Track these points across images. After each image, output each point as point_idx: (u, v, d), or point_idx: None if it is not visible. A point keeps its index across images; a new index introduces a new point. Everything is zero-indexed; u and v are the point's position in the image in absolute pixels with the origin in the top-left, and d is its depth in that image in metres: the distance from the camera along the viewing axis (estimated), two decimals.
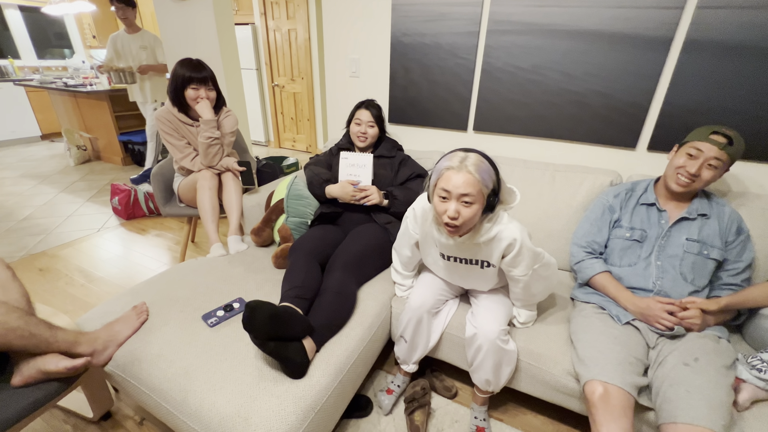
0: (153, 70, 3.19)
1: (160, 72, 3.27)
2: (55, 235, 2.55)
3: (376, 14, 1.88)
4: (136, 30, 3.14)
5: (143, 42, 3.14)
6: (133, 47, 3.13)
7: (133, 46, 3.13)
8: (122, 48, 3.13)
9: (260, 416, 0.87)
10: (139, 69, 3.11)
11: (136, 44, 3.13)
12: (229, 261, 1.49)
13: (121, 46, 3.12)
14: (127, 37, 3.12)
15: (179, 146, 1.72)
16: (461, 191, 0.93)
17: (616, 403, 0.92)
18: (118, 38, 3.12)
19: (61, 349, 0.96)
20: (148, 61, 3.17)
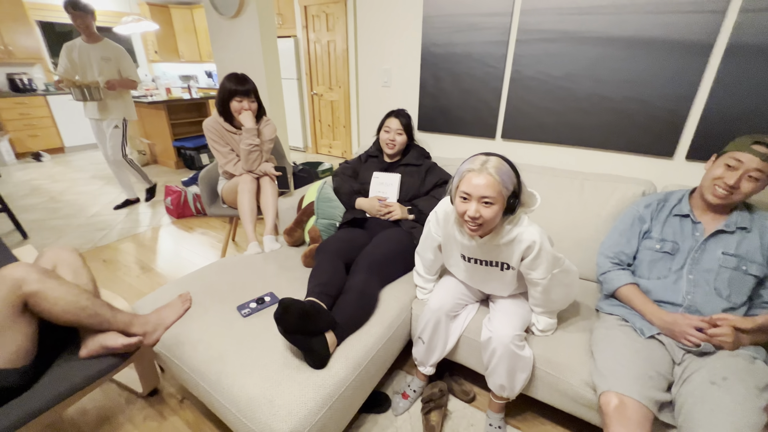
0: (122, 86, 2.85)
1: (127, 88, 2.94)
2: (116, 230, 2.85)
3: (408, 26, 1.95)
4: (97, 39, 2.75)
5: (105, 53, 2.77)
6: (93, 58, 2.75)
7: (93, 56, 2.75)
8: (79, 58, 2.73)
9: (283, 399, 0.95)
10: (107, 84, 2.75)
11: (96, 54, 2.75)
12: (264, 258, 1.61)
13: (78, 56, 2.73)
14: (85, 46, 2.73)
15: (224, 152, 1.89)
16: (482, 193, 0.97)
17: (632, 416, 0.90)
18: (74, 47, 2.73)
19: (119, 328, 1.11)
20: (112, 75, 2.81)
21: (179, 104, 4.32)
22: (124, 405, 1.37)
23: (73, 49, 2.73)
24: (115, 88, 2.81)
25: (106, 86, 2.76)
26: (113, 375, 1.17)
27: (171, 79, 6.28)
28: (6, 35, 4.56)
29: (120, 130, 3.00)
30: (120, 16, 5.58)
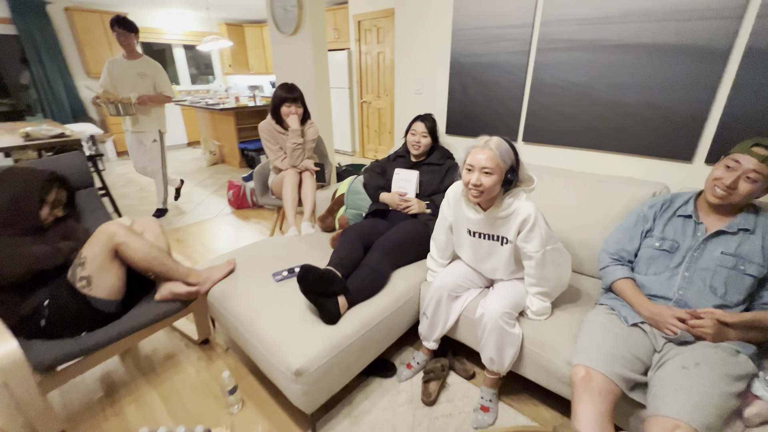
0: (153, 101, 2.95)
1: (159, 103, 3.04)
2: (188, 216, 3.36)
3: (439, 39, 2.14)
4: (136, 56, 2.89)
5: (142, 69, 2.90)
6: (131, 74, 2.86)
7: (131, 72, 2.86)
8: (119, 74, 2.85)
9: (298, 344, 1.18)
10: (139, 100, 2.85)
11: (134, 71, 2.87)
12: (299, 240, 1.88)
13: (117, 73, 2.85)
14: (125, 62, 2.85)
15: (273, 150, 2.21)
16: (483, 164, 1.15)
17: (596, 387, 0.99)
18: (115, 64, 2.85)
19: (180, 277, 1.42)
20: (147, 90, 2.93)
21: (245, 111, 4.90)
22: (183, 348, 1.71)
23: (114, 65, 2.85)
24: (146, 103, 2.90)
25: (137, 102, 2.85)
26: (178, 317, 1.50)
27: (241, 89, 7.05)
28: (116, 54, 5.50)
29: (158, 144, 3.15)
30: (202, 35, 6.43)
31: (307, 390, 1.15)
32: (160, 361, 1.63)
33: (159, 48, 6.32)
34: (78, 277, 1.26)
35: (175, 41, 6.34)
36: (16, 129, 3.37)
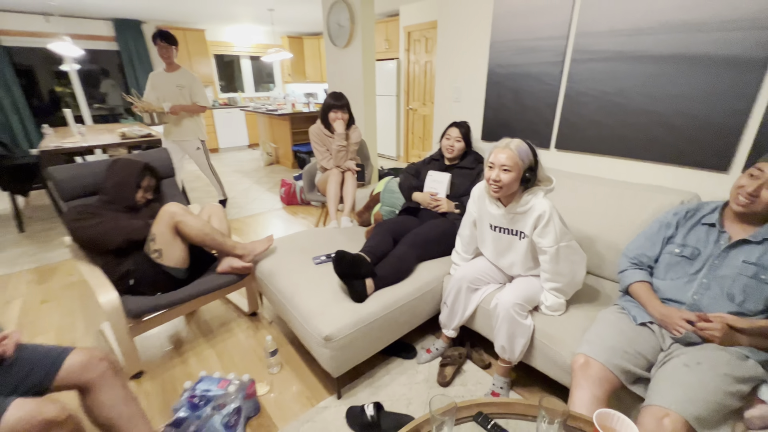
0: (185, 110, 3.10)
1: (193, 112, 3.19)
2: (245, 209, 3.76)
3: (478, 50, 2.26)
4: (175, 68, 3.08)
5: (180, 81, 3.07)
6: (170, 85, 3.06)
7: (170, 83, 3.06)
8: (161, 86, 3.06)
9: (330, 315, 1.38)
10: (171, 110, 3.02)
11: (173, 82, 3.06)
12: (339, 231, 2.10)
13: (160, 85, 3.06)
14: (164, 75, 3.06)
15: (321, 151, 2.47)
16: (502, 162, 1.28)
17: (593, 374, 1.07)
18: (157, 77, 3.07)
19: (228, 249, 1.69)
20: (184, 101, 3.09)
21: (299, 116, 5.31)
22: (235, 318, 1.99)
23: (157, 78, 3.06)
24: (178, 112, 3.07)
25: (170, 111, 3.02)
26: (233, 289, 1.78)
27: (297, 96, 7.59)
28: (194, 65, 6.25)
29: (201, 151, 3.40)
30: (267, 47, 7.05)
31: (334, 354, 1.34)
32: (216, 326, 1.92)
33: (228, 59, 7.04)
34: (152, 250, 1.56)
35: (243, 53, 7.02)
36: (113, 130, 4.02)
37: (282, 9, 5.13)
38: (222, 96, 7.03)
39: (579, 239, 1.65)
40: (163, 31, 2.94)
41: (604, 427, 0.76)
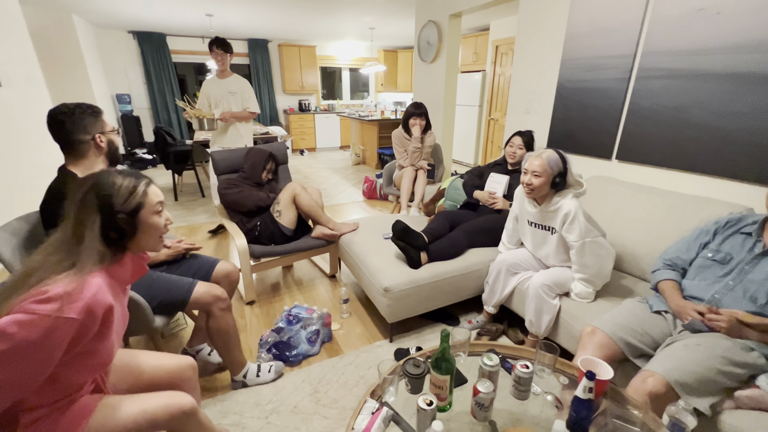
0: (235, 117, 3.05)
1: (243, 119, 3.12)
2: (333, 199, 4.41)
3: (549, 67, 2.47)
4: (227, 75, 3.05)
5: (232, 87, 3.05)
6: (223, 91, 3.04)
7: (223, 90, 3.03)
8: (214, 93, 3.05)
9: (390, 273, 1.78)
10: (221, 116, 3.00)
11: (225, 88, 3.03)
12: (406, 218, 2.51)
13: (212, 92, 3.05)
14: (217, 81, 3.04)
15: (399, 151, 2.91)
16: (534, 168, 1.55)
17: (596, 340, 1.28)
18: (209, 83, 3.07)
19: (325, 222, 2.21)
20: (236, 107, 3.06)
21: (387, 122, 5.89)
22: (319, 276, 2.53)
23: (210, 85, 3.05)
24: (228, 119, 3.02)
25: (220, 118, 3.00)
26: (321, 252, 2.31)
27: (387, 104, 8.26)
28: (303, 76, 7.31)
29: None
30: (365, 60, 7.85)
31: (390, 303, 1.74)
32: (304, 281, 2.48)
33: (331, 70, 8.02)
34: (275, 211, 2.16)
35: (344, 65, 7.93)
36: None
37: (381, 27, 5.78)
38: (323, 103, 8.04)
39: (624, 242, 1.79)
40: (220, 39, 2.90)
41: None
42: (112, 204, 0.83)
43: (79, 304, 0.73)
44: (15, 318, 0.69)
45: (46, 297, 0.71)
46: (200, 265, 1.64)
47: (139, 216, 0.87)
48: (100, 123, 1.34)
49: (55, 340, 0.72)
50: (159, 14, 4.73)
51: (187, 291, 1.43)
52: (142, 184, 0.89)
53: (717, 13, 1.64)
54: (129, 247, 0.90)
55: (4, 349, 0.68)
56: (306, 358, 1.75)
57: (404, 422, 1.05)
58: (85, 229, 0.80)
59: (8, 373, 0.70)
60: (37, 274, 0.75)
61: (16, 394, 0.74)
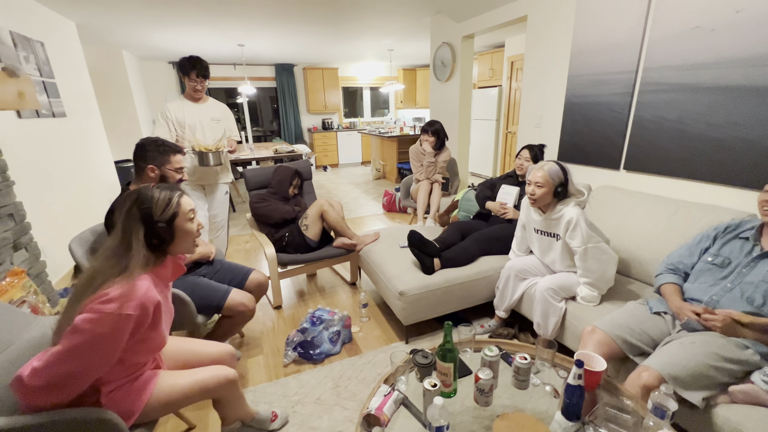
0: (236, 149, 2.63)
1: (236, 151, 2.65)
2: (353, 212, 4.61)
3: (557, 83, 2.59)
4: (205, 99, 2.55)
5: (214, 113, 2.55)
6: (203, 118, 2.49)
7: (203, 116, 2.49)
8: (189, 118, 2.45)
9: (405, 278, 1.93)
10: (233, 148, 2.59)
11: (206, 115, 2.50)
12: (422, 229, 2.65)
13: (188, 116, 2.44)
14: (194, 106, 2.47)
15: (416, 165, 3.08)
16: (536, 180, 1.67)
17: (596, 338, 1.36)
18: (185, 107, 2.45)
19: (348, 236, 2.38)
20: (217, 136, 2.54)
21: (405, 138, 6.10)
22: (340, 284, 2.70)
23: (183, 109, 2.40)
24: (235, 151, 2.62)
25: (231, 150, 2.56)
26: (342, 261, 2.48)
27: (407, 120, 8.50)
28: (326, 96, 7.70)
29: (228, 195, 2.90)
30: (385, 79, 8.17)
31: (405, 307, 1.88)
32: (327, 288, 2.65)
33: (352, 90, 8.39)
34: (303, 224, 2.36)
35: (365, 85, 8.28)
36: (268, 147, 5.37)
37: (399, 48, 6.06)
38: (345, 121, 8.39)
39: (631, 248, 1.87)
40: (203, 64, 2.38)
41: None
42: (152, 215, 0.99)
43: (134, 302, 0.90)
44: (86, 317, 0.87)
45: (107, 298, 0.89)
46: (235, 273, 1.85)
47: (175, 224, 1.04)
48: (161, 159, 1.60)
49: (118, 332, 0.90)
50: (196, 45, 5.21)
51: (223, 297, 1.64)
52: (176, 196, 1.05)
53: (711, 30, 1.73)
54: (169, 251, 1.07)
55: (81, 342, 0.87)
56: (328, 356, 1.91)
57: (413, 407, 1.18)
58: (131, 238, 0.97)
59: (86, 360, 0.89)
60: (99, 277, 0.93)
61: (94, 376, 0.93)
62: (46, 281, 2.16)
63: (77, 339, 0.87)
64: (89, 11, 3.30)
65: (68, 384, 0.89)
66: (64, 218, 2.83)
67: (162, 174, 1.61)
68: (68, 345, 0.87)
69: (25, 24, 2.74)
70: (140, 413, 1.00)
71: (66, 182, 2.98)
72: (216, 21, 3.81)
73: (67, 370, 0.87)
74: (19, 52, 2.59)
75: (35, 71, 2.76)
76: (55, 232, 2.63)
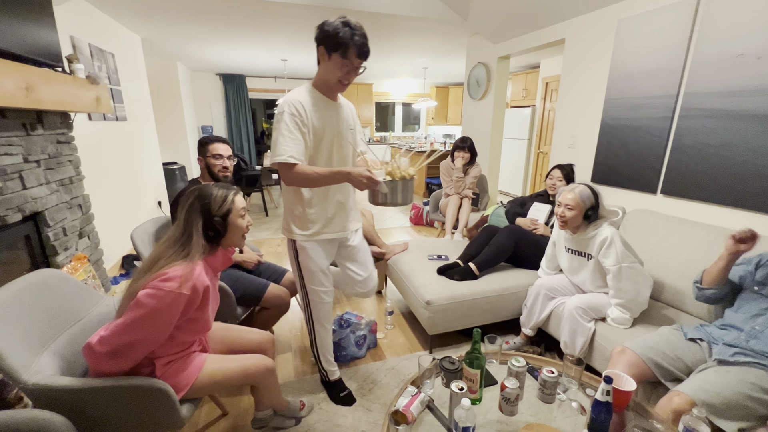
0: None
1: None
2: (382, 223, 4.70)
3: (593, 105, 2.61)
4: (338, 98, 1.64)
5: (350, 118, 1.65)
6: (342, 126, 1.52)
7: (342, 124, 1.52)
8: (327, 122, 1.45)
9: (432, 288, 1.97)
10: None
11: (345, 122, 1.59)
12: (451, 242, 2.69)
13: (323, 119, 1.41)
14: (330, 104, 1.41)
15: (446, 180, 3.14)
16: (566, 202, 1.69)
17: (626, 359, 1.35)
18: (318, 105, 1.44)
19: (378, 244, 2.46)
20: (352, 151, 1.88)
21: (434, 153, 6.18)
22: None
23: (314, 108, 1.36)
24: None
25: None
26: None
27: (437, 136, 8.60)
28: (360, 111, 7.94)
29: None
30: (417, 96, 8.34)
31: (431, 316, 1.92)
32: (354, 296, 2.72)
33: (384, 105, 8.60)
34: None
35: (397, 101, 8.48)
36: None
37: (434, 66, 6.21)
38: (376, 134, 8.59)
39: (666, 274, 1.83)
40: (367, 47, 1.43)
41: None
42: (210, 209, 1.11)
43: (189, 283, 1.01)
44: (147, 292, 0.99)
45: (167, 277, 1.00)
46: (273, 270, 1.97)
47: (229, 219, 1.15)
48: (204, 149, 1.78)
49: (173, 308, 1.01)
50: (242, 60, 5.57)
51: (262, 289, 1.75)
52: (231, 194, 1.17)
53: (758, 58, 1.72)
54: (221, 243, 1.18)
55: (142, 314, 0.98)
56: (353, 359, 1.97)
57: (438, 410, 1.22)
58: (192, 228, 1.09)
59: (144, 331, 1.00)
60: (161, 260, 1.05)
61: (149, 347, 1.04)
62: (102, 268, 2.36)
63: (139, 312, 0.98)
64: (154, 26, 3.65)
65: (128, 351, 1.00)
66: (117, 212, 3.08)
67: (207, 163, 1.78)
68: (131, 317, 0.98)
69: (99, 37, 3.06)
70: (189, 389, 1.10)
71: (121, 180, 3.25)
72: (265, 36, 4.09)
73: (128, 339, 0.99)
74: (94, 62, 2.90)
75: (105, 80, 3.07)
76: (109, 223, 2.87)
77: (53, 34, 1.88)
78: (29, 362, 0.97)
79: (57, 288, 1.17)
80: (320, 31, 1.28)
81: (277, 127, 1.31)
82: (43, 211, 1.84)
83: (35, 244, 1.84)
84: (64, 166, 2.05)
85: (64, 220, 2.00)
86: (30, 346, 1.01)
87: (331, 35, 1.25)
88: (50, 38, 1.85)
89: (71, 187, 2.10)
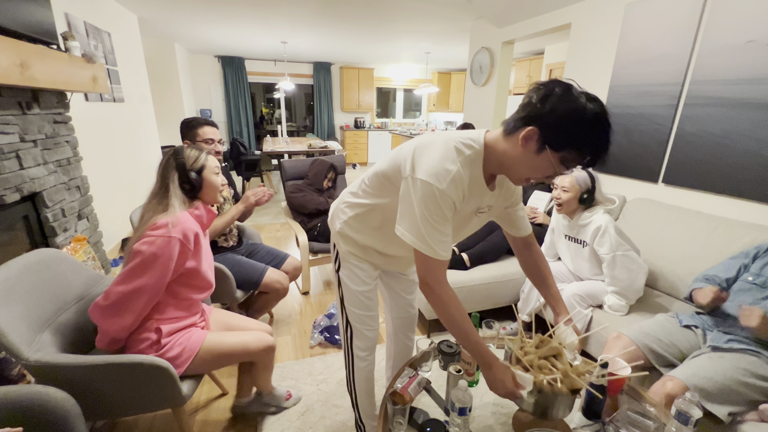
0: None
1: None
2: None
3: (597, 92, 2.55)
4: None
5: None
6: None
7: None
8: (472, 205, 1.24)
9: None
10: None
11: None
12: None
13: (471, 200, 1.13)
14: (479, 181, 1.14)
15: None
16: (563, 185, 1.69)
17: (620, 344, 1.37)
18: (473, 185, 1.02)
19: None
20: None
21: None
22: None
23: (471, 190, 0.90)
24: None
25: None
26: None
27: (438, 123, 8.52)
28: (360, 96, 7.84)
29: None
30: (419, 82, 8.23)
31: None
32: None
33: (386, 91, 8.49)
34: None
35: (399, 86, 8.36)
36: (302, 142, 5.55)
37: (437, 51, 6.10)
38: (377, 120, 8.51)
39: (664, 262, 1.84)
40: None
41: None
42: (184, 164, 1.18)
43: (178, 228, 1.07)
44: (141, 241, 1.05)
45: (156, 225, 1.07)
46: (274, 255, 1.97)
47: (203, 174, 1.21)
48: (191, 134, 1.77)
49: (168, 250, 1.05)
50: (241, 42, 5.46)
51: (262, 273, 1.76)
52: (203, 153, 1.24)
53: (767, 45, 1.69)
54: (199, 197, 1.23)
55: (139, 262, 1.03)
56: None
57: (435, 392, 1.24)
58: (169, 182, 1.15)
59: (145, 277, 1.04)
60: (146, 215, 1.12)
61: (151, 295, 1.07)
62: (101, 250, 2.36)
63: (136, 260, 1.03)
64: (151, 5, 3.56)
65: (130, 302, 1.04)
66: (116, 194, 3.07)
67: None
68: (129, 266, 1.03)
69: (95, 15, 2.99)
70: (191, 362, 1.12)
71: (118, 161, 3.23)
72: (266, 17, 4.00)
73: (130, 288, 1.02)
74: (90, 40, 2.84)
75: (102, 59, 3.02)
76: (108, 205, 2.86)
77: (47, 9, 1.83)
78: (31, 339, 0.98)
79: (56, 267, 1.17)
80: (550, 109, 0.77)
81: (424, 204, 0.82)
82: (41, 192, 1.83)
83: (34, 225, 1.83)
84: (61, 147, 2.02)
85: (62, 201, 1.99)
86: (31, 323, 1.02)
87: (571, 128, 0.77)
88: (44, 14, 1.80)
89: (69, 168, 2.08)
